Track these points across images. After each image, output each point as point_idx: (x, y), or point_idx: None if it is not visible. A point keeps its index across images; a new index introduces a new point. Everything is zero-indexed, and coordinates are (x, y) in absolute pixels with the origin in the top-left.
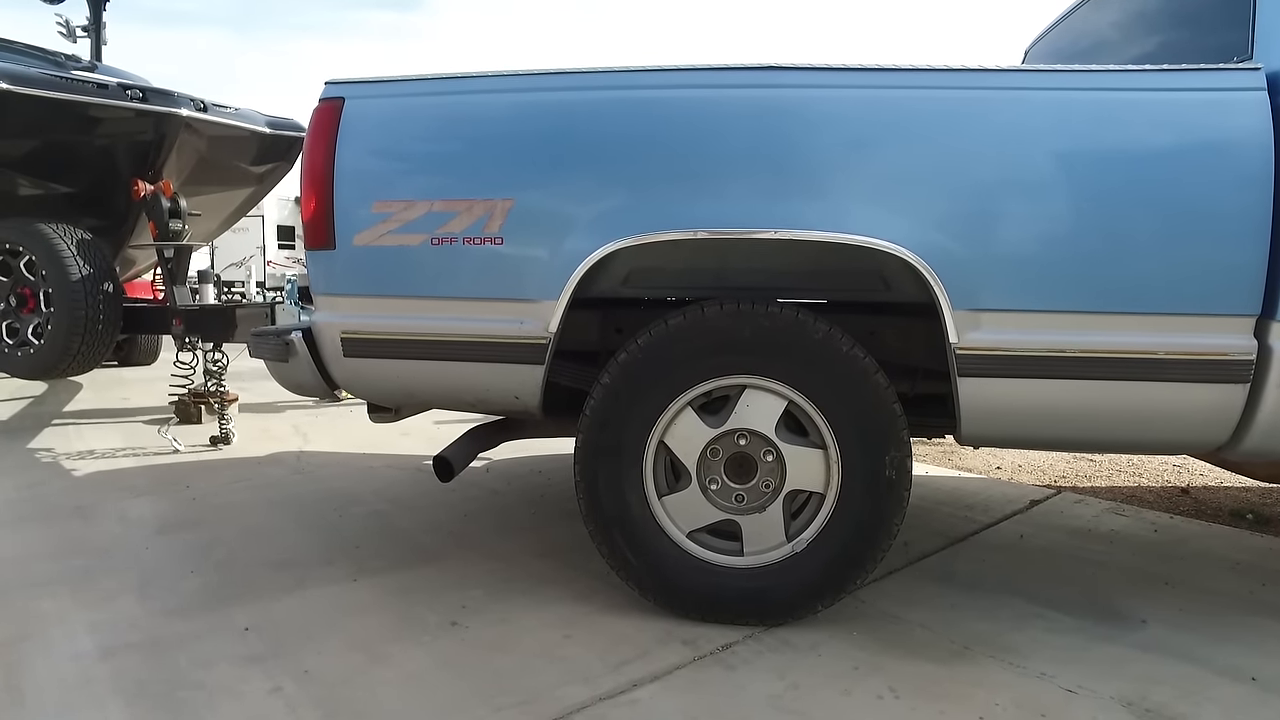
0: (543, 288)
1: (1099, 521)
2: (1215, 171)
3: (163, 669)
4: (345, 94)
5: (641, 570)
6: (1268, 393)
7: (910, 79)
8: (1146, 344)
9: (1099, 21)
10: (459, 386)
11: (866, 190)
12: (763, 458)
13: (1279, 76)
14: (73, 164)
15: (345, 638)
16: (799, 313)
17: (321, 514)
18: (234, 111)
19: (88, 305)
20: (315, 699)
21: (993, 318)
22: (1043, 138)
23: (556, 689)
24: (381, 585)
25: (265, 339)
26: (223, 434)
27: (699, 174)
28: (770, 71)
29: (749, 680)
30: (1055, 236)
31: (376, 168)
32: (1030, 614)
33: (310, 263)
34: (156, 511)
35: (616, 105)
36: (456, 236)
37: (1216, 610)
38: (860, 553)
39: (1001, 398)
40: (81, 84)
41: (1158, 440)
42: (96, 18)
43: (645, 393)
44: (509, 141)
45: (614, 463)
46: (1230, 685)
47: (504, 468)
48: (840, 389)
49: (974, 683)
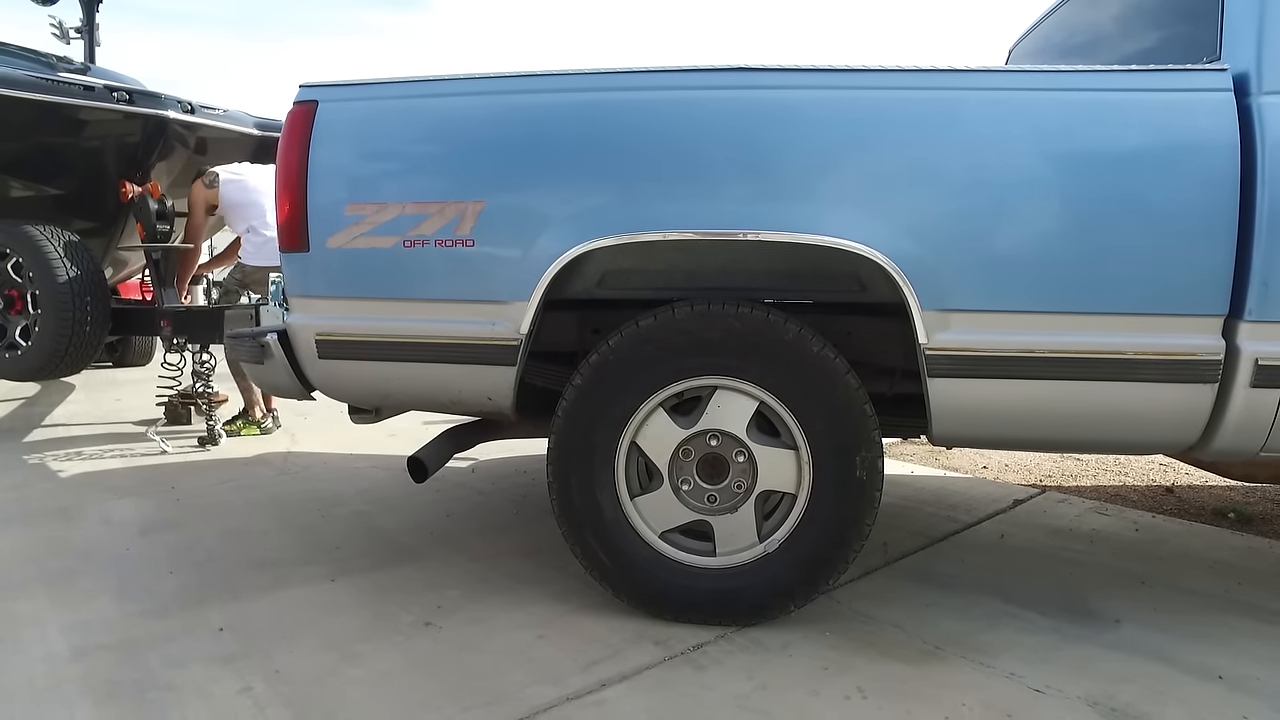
0: (514, 289)
1: (1081, 521)
2: (1183, 172)
3: (134, 670)
4: (319, 97)
5: (614, 571)
6: (1236, 392)
7: (880, 79)
8: (1116, 344)
9: (1079, 21)
10: (432, 388)
11: (838, 191)
12: (734, 458)
13: (1245, 77)
14: (60, 166)
15: (319, 638)
16: (769, 314)
17: (304, 514)
18: (222, 113)
19: (75, 307)
20: (284, 698)
21: (962, 318)
22: (1011, 138)
23: (525, 689)
24: (359, 585)
25: (241, 341)
26: (210, 435)
27: (672, 176)
28: (743, 73)
29: (717, 680)
30: (1024, 237)
31: (350, 170)
32: (1005, 614)
33: (285, 265)
34: (140, 512)
35: (587, 108)
36: (428, 239)
37: (1191, 609)
38: (832, 553)
39: (972, 398)
40: (67, 86)
41: (1128, 441)
42: (89, 19)
43: (617, 393)
44: (480, 144)
45: (586, 464)
46: (1197, 684)
47: (489, 468)
48: (811, 390)
49: (943, 683)
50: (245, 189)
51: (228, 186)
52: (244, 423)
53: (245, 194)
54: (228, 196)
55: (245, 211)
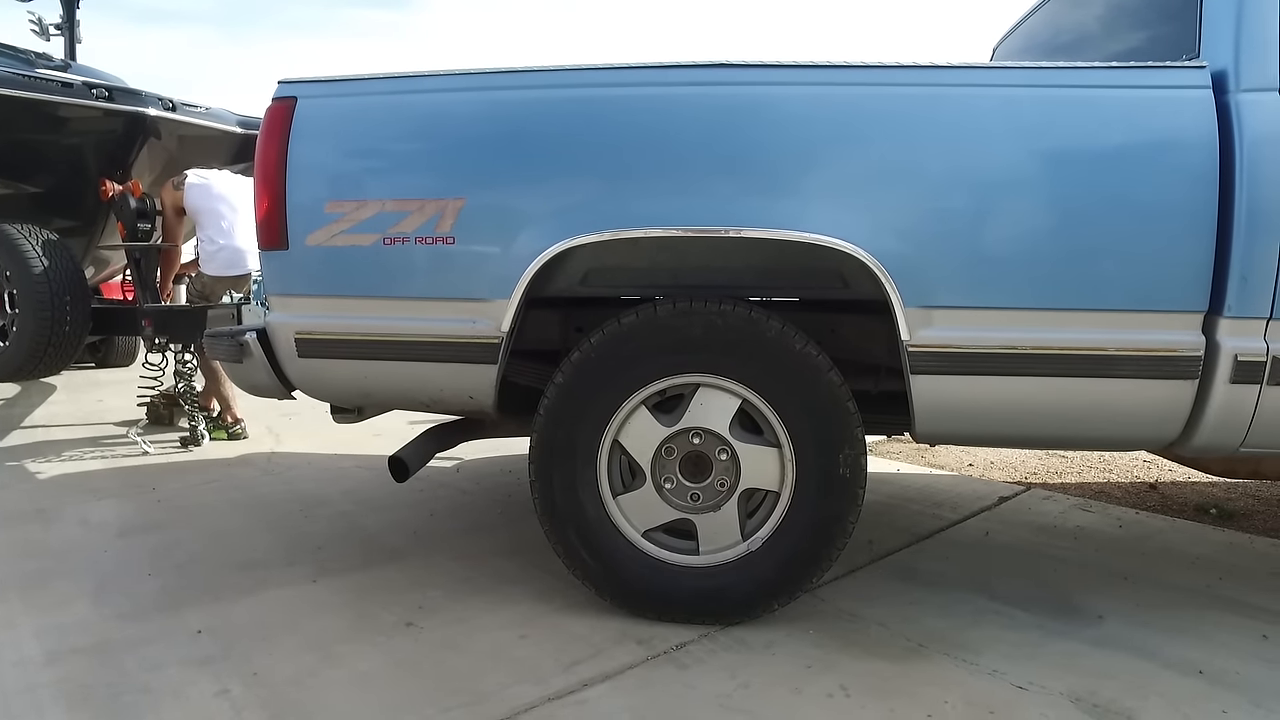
0: (495, 287)
1: (1065, 518)
2: (1162, 168)
3: (109, 673)
4: (298, 93)
5: (597, 570)
6: (1215, 388)
7: (860, 75)
8: (1097, 340)
9: (1062, 20)
10: (413, 387)
11: (819, 188)
12: (717, 456)
13: (1224, 75)
14: (38, 164)
15: (299, 639)
16: (751, 311)
17: (287, 515)
18: (204, 111)
19: (54, 307)
20: (262, 700)
21: (944, 315)
22: (992, 135)
23: (507, 689)
24: (341, 586)
25: (220, 339)
26: (193, 435)
27: (653, 172)
28: (723, 69)
29: (700, 679)
30: (1005, 233)
31: (329, 167)
32: (989, 611)
33: (264, 263)
34: (120, 514)
35: (568, 104)
36: (408, 236)
37: (1173, 605)
38: (816, 551)
39: (954, 395)
40: (45, 82)
41: (1110, 437)
42: (70, 15)
43: (599, 391)
44: (460, 141)
45: (569, 462)
46: (1178, 679)
47: (474, 467)
48: (794, 387)
49: (926, 680)
50: (209, 194)
51: (192, 190)
52: (213, 426)
53: (208, 199)
54: (191, 200)
55: (203, 219)
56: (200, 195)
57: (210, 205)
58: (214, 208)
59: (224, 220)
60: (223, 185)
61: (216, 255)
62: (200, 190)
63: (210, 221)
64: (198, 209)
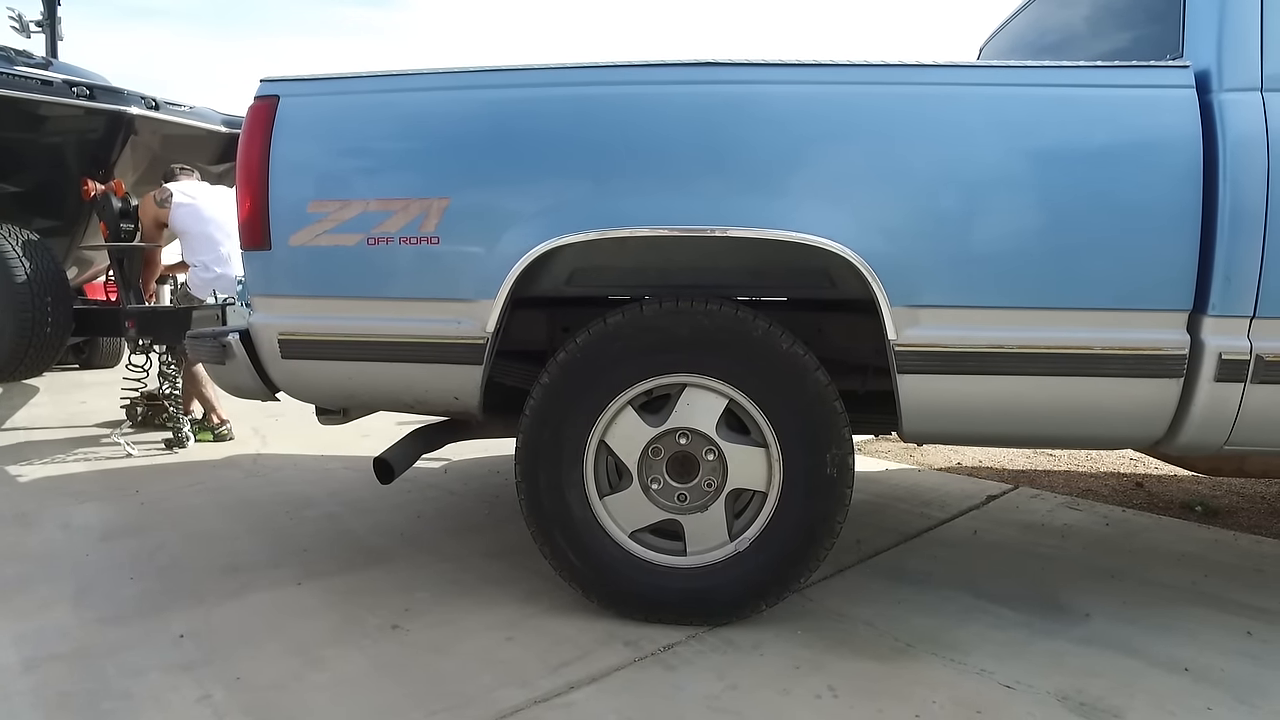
0: (479, 287)
1: (1053, 516)
2: (1146, 167)
3: (88, 679)
4: (280, 92)
5: (584, 571)
6: (1200, 387)
7: (847, 74)
8: (1083, 339)
9: (1049, 19)
10: (398, 388)
11: (806, 187)
12: (704, 457)
13: (1207, 74)
14: (19, 163)
15: (283, 643)
16: (738, 310)
17: (272, 517)
18: (188, 110)
19: (35, 308)
20: (244, 706)
21: (931, 314)
22: (977, 134)
23: (493, 692)
24: (327, 588)
25: (202, 341)
26: (177, 437)
27: (640, 172)
28: (709, 68)
29: (687, 681)
30: (991, 232)
31: (311, 167)
32: (976, 610)
33: (246, 263)
34: (102, 517)
35: (553, 102)
36: (392, 236)
37: (1159, 602)
38: (803, 551)
39: (941, 394)
40: (24, 80)
41: (1096, 435)
42: (51, 12)
43: (585, 392)
44: (444, 140)
45: (555, 463)
46: (1164, 676)
47: (462, 469)
48: (780, 387)
49: (914, 680)
50: (199, 217)
51: (179, 211)
52: (198, 428)
53: (199, 223)
54: (179, 221)
55: (196, 243)
56: (190, 218)
57: (202, 230)
58: (207, 233)
59: (221, 247)
60: (211, 206)
61: (211, 282)
62: (189, 212)
63: (205, 247)
64: (187, 232)
